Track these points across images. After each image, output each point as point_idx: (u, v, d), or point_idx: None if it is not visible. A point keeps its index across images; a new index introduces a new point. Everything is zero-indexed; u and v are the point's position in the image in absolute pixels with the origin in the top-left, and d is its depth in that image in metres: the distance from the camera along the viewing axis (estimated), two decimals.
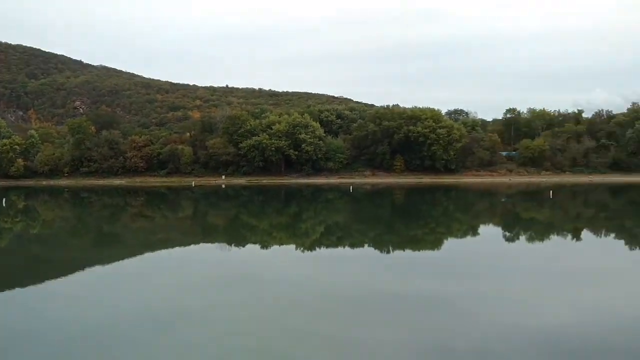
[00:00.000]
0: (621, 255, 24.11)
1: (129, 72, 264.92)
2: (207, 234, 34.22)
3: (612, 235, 32.31)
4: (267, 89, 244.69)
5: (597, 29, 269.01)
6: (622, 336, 11.76)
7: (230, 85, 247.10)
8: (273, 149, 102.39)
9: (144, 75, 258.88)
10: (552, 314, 13.42)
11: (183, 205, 59.02)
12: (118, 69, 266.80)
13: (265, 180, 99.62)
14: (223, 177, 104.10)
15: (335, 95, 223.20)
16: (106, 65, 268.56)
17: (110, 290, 16.81)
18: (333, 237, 31.64)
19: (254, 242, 29.80)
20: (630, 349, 10.93)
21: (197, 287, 17.03)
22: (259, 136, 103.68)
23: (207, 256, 24.42)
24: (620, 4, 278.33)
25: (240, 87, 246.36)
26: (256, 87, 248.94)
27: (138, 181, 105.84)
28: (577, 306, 14.27)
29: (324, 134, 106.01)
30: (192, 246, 28.95)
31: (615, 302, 14.73)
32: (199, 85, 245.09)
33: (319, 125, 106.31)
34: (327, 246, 27.87)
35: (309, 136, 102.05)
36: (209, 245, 29.42)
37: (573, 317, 13.17)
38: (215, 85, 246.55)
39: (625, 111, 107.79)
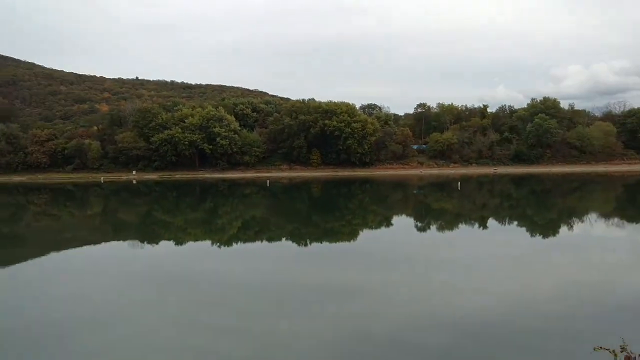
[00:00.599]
0: (524, 242, 25.70)
1: (28, 62, 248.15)
2: (118, 232, 32.92)
3: (515, 223, 34.39)
4: (179, 81, 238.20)
5: (500, 29, 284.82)
6: (527, 318, 12.58)
7: (140, 78, 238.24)
8: (186, 143, 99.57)
9: (45, 66, 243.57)
10: (463, 299, 14.11)
11: (92, 202, 56.31)
12: (15, 57, 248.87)
13: (178, 175, 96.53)
14: (134, 172, 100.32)
15: (250, 89, 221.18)
16: (1, 53, 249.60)
17: (13, 293, 15.79)
18: (250, 231, 31.45)
19: (168, 239, 29.02)
20: (536, 329, 11.71)
21: (107, 287, 16.38)
22: (171, 130, 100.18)
23: (118, 255, 23.53)
24: (518, 9, 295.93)
25: (151, 79, 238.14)
26: (168, 80, 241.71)
27: (41, 178, 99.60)
28: (485, 291, 15.09)
29: (240, 128, 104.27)
30: (103, 244, 27.79)
31: (519, 287, 15.72)
32: (107, 77, 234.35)
33: (234, 119, 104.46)
34: (245, 241, 27.69)
35: (223, 130, 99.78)
36: (120, 243, 28.32)
37: (482, 301, 13.92)
38: (125, 77, 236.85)
39: (525, 106, 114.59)
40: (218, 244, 26.38)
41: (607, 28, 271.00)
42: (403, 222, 35.36)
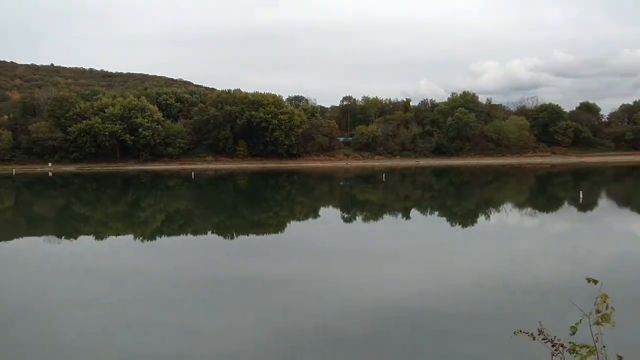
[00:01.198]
0: (444, 231, 26.73)
1: None
2: (33, 226, 31.29)
3: (436, 213, 35.72)
4: (98, 69, 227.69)
5: (423, 25, 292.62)
6: (448, 304, 13.10)
7: (55, 64, 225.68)
8: (107, 133, 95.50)
9: None
10: (388, 288, 14.50)
11: (2, 195, 53.07)
12: None
13: (98, 167, 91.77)
14: (50, 164, 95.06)
15: (174, 78, 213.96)
16: None
17: None
18: (175, 225, 30.89)
19: (88, 234, 27.92)
20: (458, 314, 12.22)
21: (22, 286, 15.54)
22: (90, 120, 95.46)
23: (33, 251, 22.36)
24: (440, 5, 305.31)
25: (68, 66, 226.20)
26: (86, 67, 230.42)
27: None
28: (408, 280, 15.58)
29: (163, 118, 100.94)
30: (15, 240, 26.30)
31: (440, 274, 16.35)
32: (19, 62, 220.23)
33: (157, 109, 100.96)
34: (169, 235, 27.12)
35: (146, 120, 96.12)
36: (35, 239, 26.87)
37: (405, 289, 14.37)
38: (38, 63, 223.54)
39: (446, 100, 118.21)
40: (141, 238, 25.70)
41: (522, 26, 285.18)
42: (330, 214, 35.83)
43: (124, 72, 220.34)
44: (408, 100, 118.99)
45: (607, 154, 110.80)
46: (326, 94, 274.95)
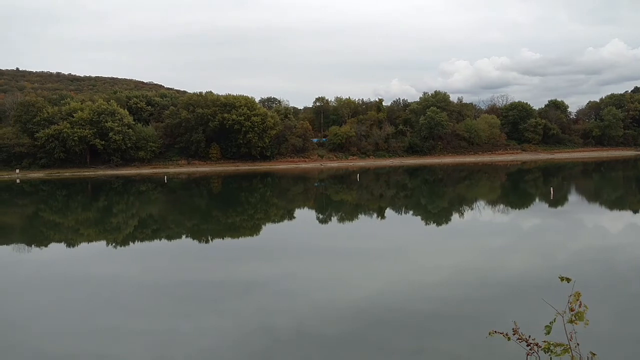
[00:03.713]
0: (419, 230, 26.90)
1: None
2: (1, 235, 30.46)
3: (411, 212, 35.92)
4: (66, 73, 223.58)
5: (394, 25, 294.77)
6: (424, 302, 13.18)
7: (21, 69, 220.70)
8: (76, 138, 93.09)
9: None
10: (362, 287, 14.52)
11: None
12: None
13: (68, 173, 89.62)
14: (17, 171, 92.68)
15: (145, 81, 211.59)
16: None
17: None
18: (148, 230, 30.47)
19: (59, 241, 27.34)
20: (434, 312, 12.30)
21: None
22: (58, 125, 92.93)
23: (1, 260, 21.76)
24: (410, 6, 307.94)
25: (34, 70, 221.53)
26: (53, 71, 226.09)
27: None
28: (384, 278, 15.63)
29: (134, 122, 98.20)
30: None
31: (416, 273, 16.45)
32: None
33: (128, 113, 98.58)
34: (142, 240, 26.77)
35: (116, 124, 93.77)
36: (4, 247, 26.17)
37: (380, 288, 14.41)
38: (3, 68, 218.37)
39: (418, 100, 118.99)
40: (113, 244, 25.28)
41: (489, 25, 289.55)
42: (305, 215, 35.75)
43: (93, 75, 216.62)
44: (380, 100, 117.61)
45: (575, 150, 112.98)
46: (299, 95, 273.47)
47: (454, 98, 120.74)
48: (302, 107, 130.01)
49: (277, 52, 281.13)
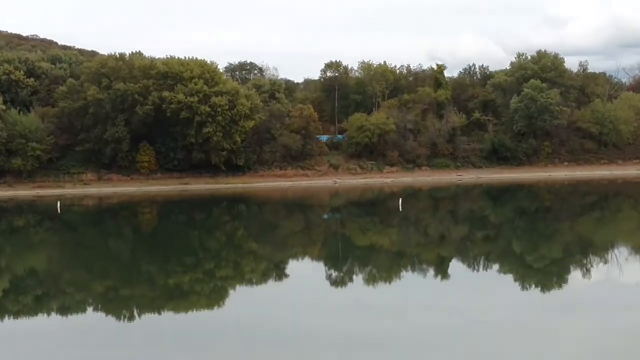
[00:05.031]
0: (513, 300, 19.77)
1: None
2: None
3: (496, 267, 27.37)
4: None
5: None
6: None
7: None
8: None
9: None
10: None
11: None
12: None
13: None
14: None
15: (24, 35, 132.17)
16: None
17: None
18: (26, 297, 23.52)
19: None
20: None
21: None
22: None
23: None
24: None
25: None
26: None
27: None
28: None
29: (4, 107, 73.48)
30: None
31: None
32: None
33: None
34: (16, 316, 21.04)
35: None
36: None
37: None
38: None
39: (507, 68, 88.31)
40: None
41: None
42: (305, 272, 28.09)
43: None
44: (441, 68, 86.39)
45: None
46: (296, 58, 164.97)
47: (572, 64, 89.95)
48: (301, 80, 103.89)
49: None
